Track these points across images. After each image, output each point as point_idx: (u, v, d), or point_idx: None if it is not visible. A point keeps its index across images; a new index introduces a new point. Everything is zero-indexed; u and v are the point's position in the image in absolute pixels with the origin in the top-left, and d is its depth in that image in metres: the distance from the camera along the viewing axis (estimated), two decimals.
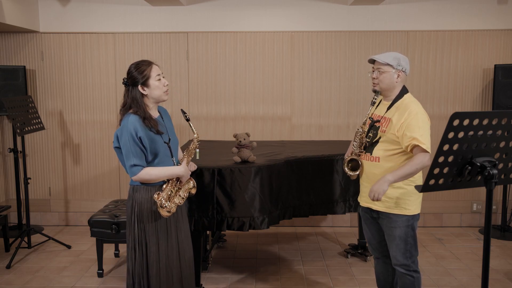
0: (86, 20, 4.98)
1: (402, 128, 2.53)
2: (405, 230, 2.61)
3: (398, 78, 2.63)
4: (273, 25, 4.95)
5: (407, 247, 2.62)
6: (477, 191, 5.08)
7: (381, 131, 2.64)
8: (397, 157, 2.59)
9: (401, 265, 2.66)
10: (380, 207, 2.66)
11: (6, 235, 4.36)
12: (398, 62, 2.61)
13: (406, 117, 2.53)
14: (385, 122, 2.64)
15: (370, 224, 2.82)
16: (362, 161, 2.73)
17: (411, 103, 2.60)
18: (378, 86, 2.67)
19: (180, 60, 5.02)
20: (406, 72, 2.65)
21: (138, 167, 2.41)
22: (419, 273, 2.69)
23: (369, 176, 2.70)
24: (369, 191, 2.56)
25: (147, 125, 2.44)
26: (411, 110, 2.54)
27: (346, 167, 2.78)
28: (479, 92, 5.00)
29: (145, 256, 2.51)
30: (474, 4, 4.88)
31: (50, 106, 5.09)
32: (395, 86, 2.65)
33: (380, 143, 2.64)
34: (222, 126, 5.07)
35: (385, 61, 2.61)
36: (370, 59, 2.72)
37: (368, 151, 2.69)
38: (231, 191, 3.19)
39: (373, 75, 2.68)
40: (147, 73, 2.48)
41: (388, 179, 2.50)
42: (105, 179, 5.17)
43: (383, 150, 2.62)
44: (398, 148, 2.58)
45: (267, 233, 4.89)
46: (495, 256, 4.25)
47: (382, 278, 2.93)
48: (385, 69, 2.62)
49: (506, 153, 1.75)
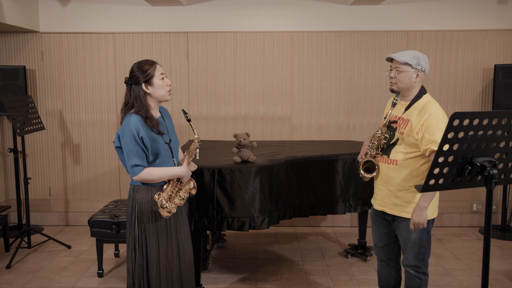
0: (86, 20, 4.98)
1: (421, 130, 2.44)
2: (420, 234, 2.56)
3: (417, 78, 2.53)
4: (273, 25, 4.95)
5: (421, 250, 2.58)
6: (477, 191, 5.08)
7: (399, 132, 2.56)
8: (415, 160, 2.51)
9: (411, 266, 2.63)
10: (396, 211, 2.61)
11: (6, 235, 4.36)
12: (418, 61, 2.51)
13: (426, 118, 2.44)
14: (403, 123, 2.56)
15: (380, 226, 2.77)
16: (378, 164, 2.65)
17: (431, 104, 2.51)
18: (396, 86, 2.57)
19: (180, 60, 5.02)
20: (426, 71, 2.55)
21: (139, 167, 2.41)
22: (427, 275, 2.65)
23: (385, 179, 2.63)
24: (410, 224, 2.49)
25: (148, 125, 2.44)
26: (432, 112, 2.45)
27: (361, 169, 2.69)
28: (479, 92, 5.00)
29: (145, 256, 2.51)
30: (474, 4, 4.88)
31: (50, 106, 5.09)
32: (414, 86, 2.56)
33: (398, 145, 2.56)
34: (222, 126, 5.08)
35: (404, 60, 2.51)
36: (388, 58, 2.61)
37: (385, 153, 2.61)
38: (231, 191, 3.19)
39: (390, 74, 2.58)
40: (150, 72, 2.47)
41: (423, 206, 2.42)
42: (105, 179, 5.17)
43: (401, 152, 2.54)
44: (417, 151, 2.49)
45: (267, 233, 4.89)
46: (495, 256, 4.25)
47: (384, 280, 2.90)
48: (403, 68, 2.52)
49: (506, 153, 1.75)
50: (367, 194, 3.77)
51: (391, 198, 2.62)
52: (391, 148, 2.59)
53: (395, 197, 2.60)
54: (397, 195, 2.59)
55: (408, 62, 2.51)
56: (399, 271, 2.88)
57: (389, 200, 2.63)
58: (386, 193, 2.64)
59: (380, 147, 2.64)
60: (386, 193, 2.64)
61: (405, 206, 2.57)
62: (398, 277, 2.88)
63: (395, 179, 2.56)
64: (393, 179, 2.57)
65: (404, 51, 2.60)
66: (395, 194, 2.59)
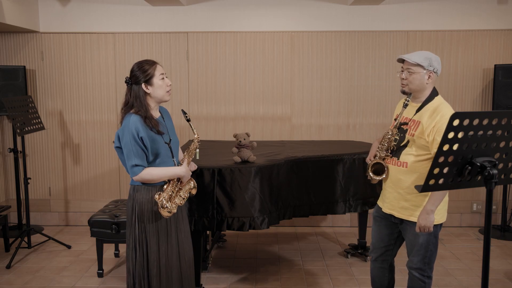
0: (86, 20, 4.98)
1: (432, 133, 2.40)
2: (427, 237, 2.54)
3: (429, 80, 2.48)
4: (273, 25, 4.95)
5: (427, 254, 2.57)
6: (477, 191, 5.08)
7: (409, 134, 2.52)
8: (426, 163, 2.46)
9: (416, 269, 2.60)
10: (405, 215, 2.58)
11: (6, 235, 4.36)
12: (430, 62, 2.46)
13: (438, 120, 2.39)
14: (414, 125, 2.51)
15: (383, 227, 2.74)
16: (388, 166, 2.61)
17: (443, 106, 2.46)
18: (407, 87, 2.51)
19: (180, 60, 5.02)
20: (438, 72, 2.51)
21: (139, 167, 2.41)
22: (431, 279, 2.63)
23: (394, 181, 2.59)
24: (416, 227, 2.48)
25: (148, 125, 2.44)
26: (443, 114, 2.40)
27: (370, 171, 2.65)
28: (479, 92, 5.00)
29: (146, 256, 2.51)
30: (474, 4, 4.89)
31: (50, 106, 5.09)
32: (426, 87, 2.50)
33: (408, 147, 2.51)
34: (222, 126, 5.08)
35: (415, 61, 2.46)
36: (399, 59, 2.56)
37: (395, 155, 2.57)
38: (231, 191, 3.19)
39: (402, 75, 2.53)
40: (151, 72, 2.48)
41: (430, 209, 2.40)
42: (105, 179, 5.17)
43: (412, 155, 2.50)
44: (427, 154, 2.46)
45: (267, 233, 4.89)
46: (495, 256, 4.25)
47: (377, 281, 2.88)
48: (415, 69, 2.47)
49: (506, 153, 1.75)
50: (367, 194, 3.78)
51: (400, 201, 2.59)
52: (401, 150, 2.55)
53: (404, 200, 2.57)
54: (406, 198, 2.56)
55: (420, 63, 2.46)
56: (393, 272, 2.87)
57: (398, 203, 2.60)
58: (395, 196, 2.61)
59: (390, 149, 2.60)
60: (395, 196, 2.61)
61: (413, 209, 2.54)
62: (392, 279, 2.87)
63: (405, 182, 2.53)
64: (403, 181, 2.54)
65: (416, 52, 2.55)
66: (404, 197, 2.57)
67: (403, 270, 3.33)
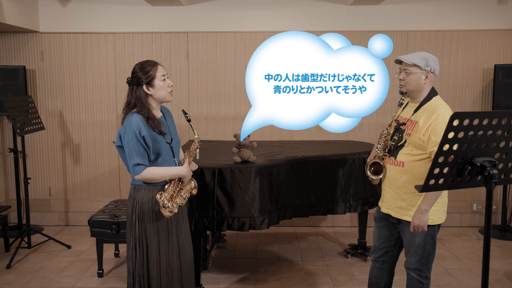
0: (86, 20, 4.98)
1: (428, 132, 2.41)
2: (424, 238, 2.54)
3: (426, 80, 2.51)
4: (273, 25, 4.95)
5: (424, 254, 2.57)
6: (477, 191, 5.08)
7: (406, 134, 2.54)
8: (423, 163, 2.48)
9: (414, 270, 2.61)
10: (401, 215, 2.59)
11: (6, 235, 4.36)
12: (426, 62, 2.49)
13: (434, 119, 2.41)
14: (411, 125, 2.53)
15: (383, 228, 2.75)
16: (385, 165, 2.62)
17: (440, 105, 2.49)
18: (405, 88, 2.55)
19: (180, 60, 5.02)
20: (435, 73, 2.53)
21: (141, 166, 2.42)
22: (429, 279, 2.63)
23: (391, 181, 2.60)
24: (410, 226, 2.49)
25: (150, 125, 2.45)
26: (439, 113, 2.43)
27: (368, 171, 2.66)
28: (479, 92, 5.00)
29: (146, 255, 2.51)
30: (474, 4, 4.89)
31: (50, 106, 5.09)
32: (423, 88, 2.53)
33: (405, 147, 2.53)
34: (222, 126, 5.08)
35: (412, 61, 2.49)
36: (396, 60, 2.60)
37: (393, 155, 2.58)
38: (231, 191, 3.19)
39: (400, 76, 2.57)
40: (152, 73, 2.48)
41: (424, 209, 2.41)
42: (105, 179, 5.17)
43: (408, 154, 2.51)
44: (423, 153, 2.47)
45: (267, 233, 4.89)
46: (495, 256, 4.25)
47: (374, 281, 2.88)
48: (412, 70, 2.50)
49: (506, 153, 1.75)
50: (367, 194, 3.78)
51: (397, 200, 2.60)
52: (398, 150, 2.57)
53: (400, 199, 2.58)
54: (403, 198, 2.57)
55: (417, 63, 2.49)
56: (392, 275, 2.86)
57: (395, 203, 2.61)
58: (392, 196, 2.62)
59: (387, 148, 2.62)
60: (392, 195, 2.62)
61: (409, 209, 2.55)
62: (389, 282, 2.86)
63: (401, 181, 2.54)
64: (399, 181, 2.55)
65: (413, 52, 2.58)
66: (401, 197, 2.57)
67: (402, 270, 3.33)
